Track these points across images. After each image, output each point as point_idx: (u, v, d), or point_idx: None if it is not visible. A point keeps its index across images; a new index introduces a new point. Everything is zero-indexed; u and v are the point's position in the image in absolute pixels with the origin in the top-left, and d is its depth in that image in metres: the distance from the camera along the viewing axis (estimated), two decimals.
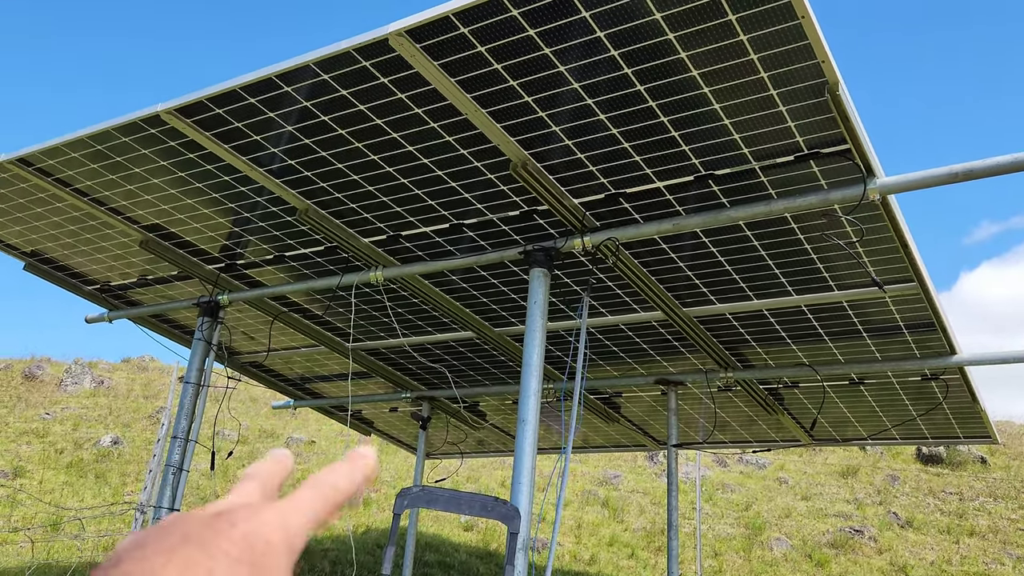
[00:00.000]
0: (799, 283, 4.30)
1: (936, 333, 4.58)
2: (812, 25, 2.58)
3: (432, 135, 3.44)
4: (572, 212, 3.80)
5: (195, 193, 4.20)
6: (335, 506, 0.42)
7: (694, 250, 4.12)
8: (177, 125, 3.55)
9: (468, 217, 4.08)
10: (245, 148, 3.71)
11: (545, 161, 3.52)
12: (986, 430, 5.96)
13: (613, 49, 2.83)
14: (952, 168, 2.96)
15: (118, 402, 15.48)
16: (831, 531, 10.99)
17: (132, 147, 3.84)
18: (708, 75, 2.89)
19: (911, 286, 4.06)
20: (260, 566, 0.35)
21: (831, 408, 6.10)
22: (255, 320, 5.89)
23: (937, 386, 5.35)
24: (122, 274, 5.41)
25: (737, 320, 4.85)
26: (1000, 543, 10.57)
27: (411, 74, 3.07)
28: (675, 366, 5.76)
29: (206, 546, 0.34)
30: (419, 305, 5.29)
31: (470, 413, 7.47)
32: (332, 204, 4.12)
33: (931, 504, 11.95)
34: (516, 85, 3.07)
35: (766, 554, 10.41)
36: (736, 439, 7.22)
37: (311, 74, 3.15)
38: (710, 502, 12.08)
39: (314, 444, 14.44)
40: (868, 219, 3.55)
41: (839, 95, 2.81)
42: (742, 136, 3.18)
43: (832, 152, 3.17)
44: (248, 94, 3.32)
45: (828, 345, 5.01)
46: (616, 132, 3.27)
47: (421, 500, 3.24)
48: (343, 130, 3.49)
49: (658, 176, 3.53)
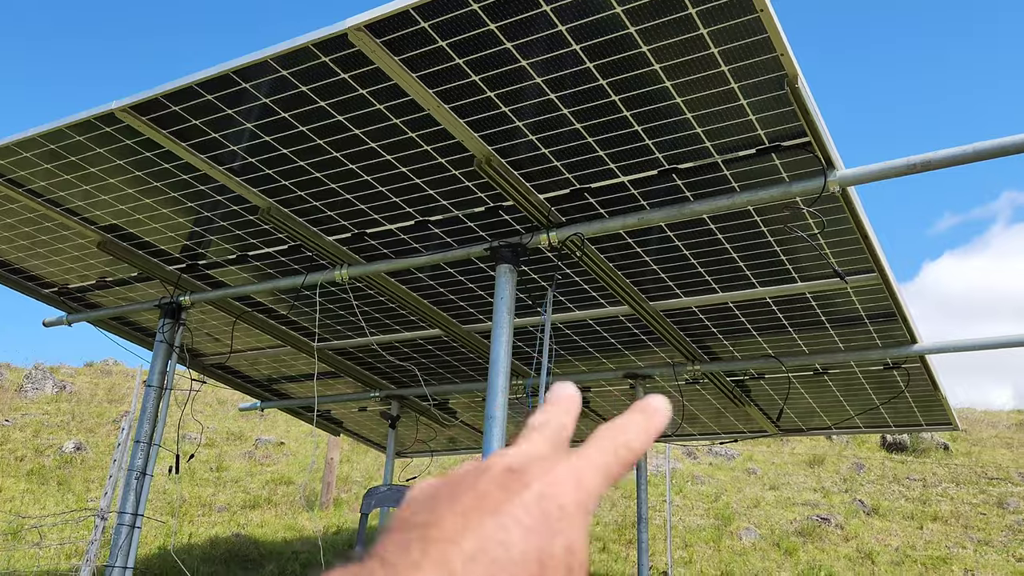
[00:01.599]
0: (763, 275, 4.34)
1: (897, 323, 4.64)
2: (771, 18, 2.59)
3: (395, 131, 3.41)
4: (537, 208, 3.79)
5: (154, 193, 4.13)
6: (629, 466, 0.39)
7: (659, 244, 4.14)
8: (133, 123, 3.48)
9: (434, 214, 4.06)
10: (204, 146, 3.65)
11: (510, 157, 3.50)
12: (947, 417, 6.07)
13: (575, 43, 2.82)
14: (910, 159, 3.00)
15: (81, 407, 15.19)
16: (799, 520, 11.14)
17: (87, 146, 3.76)
18: (670, 69, 2.90)
19: (872, 276, 4.12)
20: (554, 534, 0.33)
21: (797, 399, 6.17)
22: (219, 321, 5.81)
23: (899, 375, 5.44)
24: (80, 276, 5.30)
25: (703, 313, 4.88)
26: (962, 527, 10.79)
27: (372, 70, 3.03)
28: (643, 360, 5.78)
29: (500, 512, 0.33)
30: (386, 303, 5.25)
31: (440, 411, 7.44)
32: (295, 202, 4.07)
33: (896, 491, 12.16)
34: (479, 80, 3.05)
35: (735, 544, 10.52)
36: (705, 431, 7.28)
37: (270, 70, 3.10)
38: (680, 494, 12.18)
39: (283, 445, 14.30)
40: (829, 211, 3.59)
41: (798, 88, 2.83)
42: (704, 130, 3.20)
43: (793, 145, 3.20)
44: (205, 91, 3.26)
45: (793, 336, 5.06)
46: (580, 127, 3.27)
47: (389, 499, 3.21)
48: (304, 127, 3.44)
49: (622, 171, 3.54)
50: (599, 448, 0.38)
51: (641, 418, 0.40)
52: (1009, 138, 2.85)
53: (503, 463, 0.36)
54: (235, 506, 11.31)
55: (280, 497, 11.82)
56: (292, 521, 10.80)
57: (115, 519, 4.76)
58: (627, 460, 0.39)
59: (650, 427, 0.40)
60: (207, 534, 9.90)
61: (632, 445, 0.39)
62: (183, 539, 9.52)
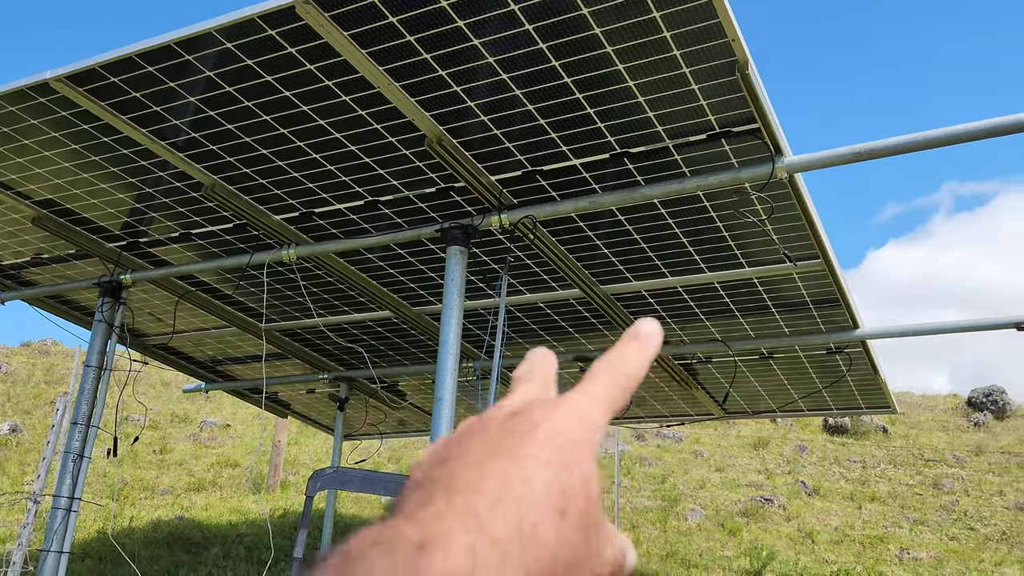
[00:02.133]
0: (712, 260, 4.39)
1: (840, 308, 4.74)
2: (723, 3, 2.60)
3: (344, 109, 3.34)
4: (489, 189, 3.76)
5: (92, 167, 3.99)
6: (629, 393, 0.40)
7: (610, 228, 4.14)
8: (69, 94, 3.35)
9: (384, 194, 4.00)
10: (145, 119, 3.53)
11: (461, 137, 3.47)
12: (887, 401, 6.24)
13: (529, 24, 2.79)
14: (855, 147, 3.04)
15: (17, 388, 14.74)
16: (743, 500, 11.38)
17: (20, 117, 3.61)
18: (623, 52, 2.88)
19: (817, 263, 4.19)
20: (569, 466, 0.33)
21: (743, 382, 6.27)
22: (162, 301, 5.66)
23: (841, 359, 5.56)
24: (15, 253, 5.11)
25: (653, 297, 4.92)
26: (899, 507, 11.14)
27: (320, 44, 2.96)
28: (593, 343, 5.81)
29: (514, 454, 0.33)
30: (335, 284, 5.18)
31: (389, 393, 7.39)
32: (240, 180, 3.97)
33: (836, 472, 12.49)
34: (430, 59, 3.00)
35: (681, 524, 10.71)
36: (653, 413, 7.36)
37: (214, 42, 3.01)
38: (628, 476, 12.34)
39: (229, 428, 14.08)
40: (777, 197, 3.63)
41: (748, 74, 2.85)
42: (656, 114, 3.20)
43: (742, 131, 3.22)
44: (146, 62, 3.15)
45: (739, 321, 5.13)
46: (532, 108, 3.24)
47: (335, 482, 3.18)
48: (250, 102, 3.35)
49: (575, 153, 3.53)
50: (598, 382, 0.39)
51: (636, 346, 0.42)
52: (950, 128, 2.91)
53: (506, 410, 0.36)
54: (179, 489, 11.11)
55: (226, 480, 11.65)
56: (238, 504, 10.66)
57: (50, 502, 4.63)
58: (627, 388, 0.40)
59: (645, 353, 0.41)
60: (149, 517, 9.72)
61: (630, 373, 0.40)
62: (123, 523, 9.32)
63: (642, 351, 0.42)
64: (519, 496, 0.31)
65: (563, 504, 0.32)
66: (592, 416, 0.37)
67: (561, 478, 0.33)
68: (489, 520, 0.30)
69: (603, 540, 0.35)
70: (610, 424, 6.44)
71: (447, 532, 0.29)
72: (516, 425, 0.35)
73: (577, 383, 0.39)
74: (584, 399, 0.37)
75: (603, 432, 0.37)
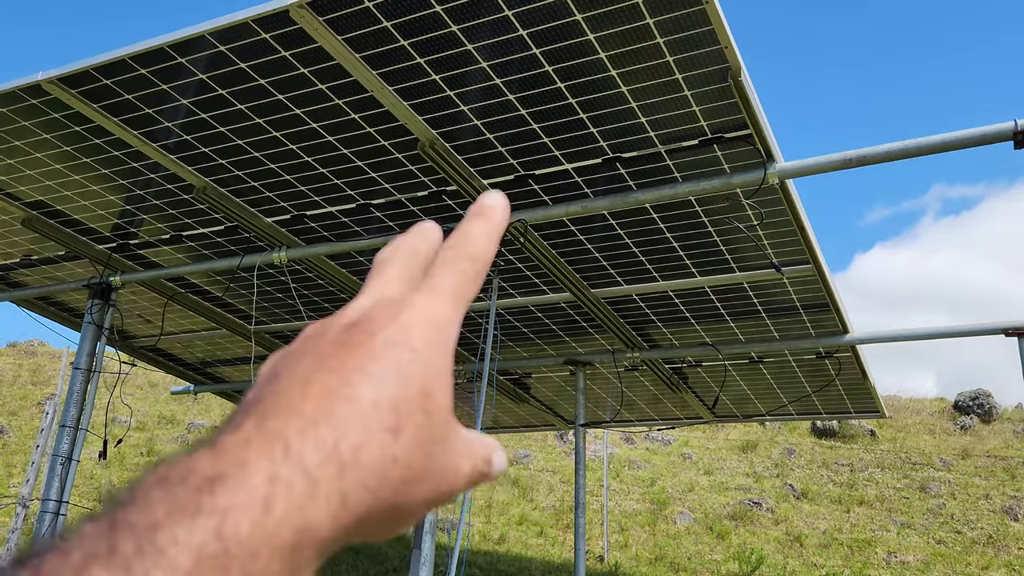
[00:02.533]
0: (703, 265, 4.40)
1: (831, 313, 4.77)
2: (716, 10, 2.61)
3: (337, 112, 3.34)
4: (481, 193, 3.77)
5: (83, 168, 3.97)
6: (481, 276, 0.36)
7: (602, 232, 4.16)
8: (61, 96, 3.34)
9: (376, 197, 4.00)
10: (137, 122, 3.52)
11: (454, 141, 3.47)
12: (875, 405, 6.28)
13: (522, 29, 2.80)
14: (846, 154, 3.06)
15: (3, 389, 14.63)
16: (731, 504, 11.41)
17: (11, 118, 3.59)
18: (615, 58, 2.90)
19: (807, 268, 4.21)
20: (407, 379, 0.31)
21: (732, 386, 6.30)
22: (151, 303, 5.64)
23: (831, 364, 5.59)
24: (4, 254, 5.08)
25: (644, 301, 4.93)
26: (886, 511, 11.20)
27: (314, 48, 2.96)
28: (583, 346, 5.82)
29: (343, 369, 0.30)
30: (325, 287, 5.17)
31: None
32: (232, 182, 3.96)
33: (824, 476, 12.55)
34: (423, 63, 3.00)
35: (670, 528, 10.73)
36: (642, 417, 7.38)
37: (208, 45, 3.00)
38: (617, 479, 12.36)
39: None
40: (768, 203, 3.66)
41: (741, 81, 2.86)
42: (648, 120, 3.21)
43: (734, 137, 3.24)
44: (139, 64, 3.14)
45: (730, 325, 5.16)
46: (525, 113, 3.25)
47: None
48: (243, 105, 3.35)
49: (567, 158, 3.54)
50: (443, 273, 0.35)
51: (480, 223, 0.37)
52: (940, 136, 2.94)
53: (343, 319, 0.33)
54: None
55: None
56: None
57: (38, 506, 4.60)
58: (477, 273, 0.36)
59: (492, 230, 0.37)
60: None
61: (477, 255, 0.36)
62: None
63: (486, 227, 0.37)
64: (340, 416, 0.29)
65: (395, 422, 0.30)
66: (440, 316, 0.33)
67: (394, 393, 0.30)
68: (299, 446, 0.28)
69: (454, 455, 0.33)
70: (598, 427, 6.36)
71: (245, 462, 0.27)
72: (351, 336, 0.32)
73: (428, 271, 0.36)
74: (430, 298, 0.34)
75: (455, 328, 0.34)
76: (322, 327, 0.34)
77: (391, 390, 0.30)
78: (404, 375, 0.31)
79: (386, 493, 0.29)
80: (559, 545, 10.23)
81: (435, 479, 0.32)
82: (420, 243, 0.38)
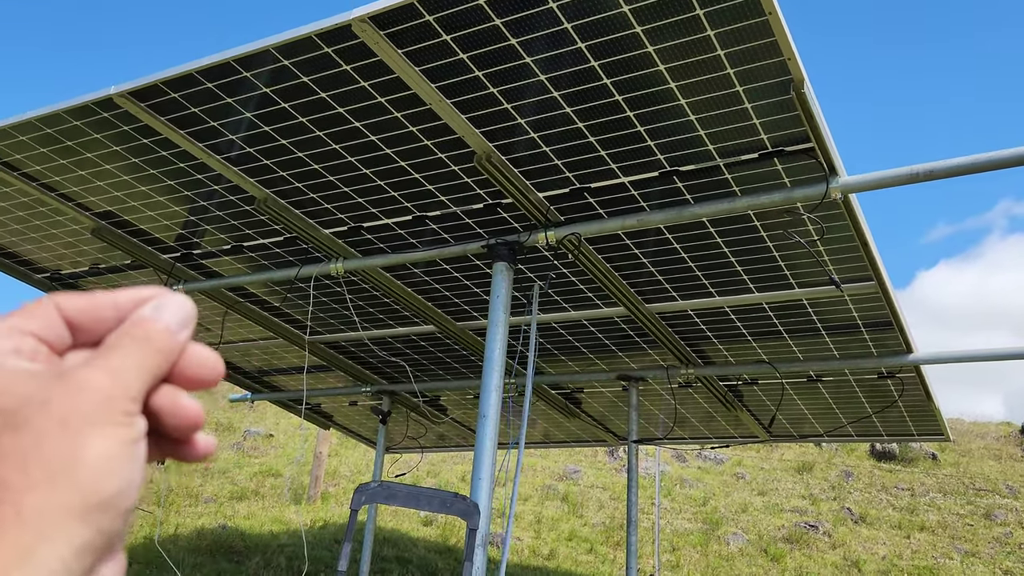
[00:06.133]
0: (761, 280, 4.33)
1: (893, 332, 4.64)
2: (779, 22, 2.57)
3: (395, 125, 3.38)
4: (536, 206, 3.77)
5: (150, 180, 4.09)
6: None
7: (657, 246, 4.12)
8: (131, 109, 3.44)
9: (431, 209, 4.03)
10: (202, 134, 3.61)
11: (510, 154, 3.48)
12: (939, 427, 6.08)
13: (580, 41, 2.80)
14: (913, 168, 2.98)
15: None
16: (786, 526, 11.15)
17: (84, 131, 3.72)
18: (675, 70, 2.87)
19: (870, 285, 4.11)
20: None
21: (789, 405, 6.16)
22: (211, 311, 5.77)
23: (893, 384, 5.43)
24: (73, 263, 5.26)
25: (699, 317, 4.87)
26: (949, 538, 10.81)
27: (374, 62, 3.01)
28: (636, 362, 5.76)
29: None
30: (380, 298, 5.22)
31: (430, 407, 7.41)
32: (292, 194, 4.04)
33: (883, 500, 12.18)
34: (481, 75, 3.02)
35: (723, 548, 10.52)
36: (695, 435, 7.27)
37: (271, 59, 3.07)
38: (668, 497, 12.18)
39: (272, 438, 14.25)
40: (829, 218, 3.58)
41: (804, 93, 2.81)
42: (707, 132, 3.18)
43: (796, 150, 3.18)
44: (205, 78, 3.23)
45: (787, 343, 5.05)
46: (582, 125, 3.25)
47: (379, 496, 3.19)
48: (304, 118, 3.41)
49: (623, 171, 3.52)
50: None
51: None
52: (1015, 149, 2.84)
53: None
54: (222, 497, 11.26)
55: (268, 489, 11.77)
56: (279, 514, 10.75)
57: None
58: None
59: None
60: (193, 525, 9.85)
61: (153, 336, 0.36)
62: (169, 530, 9.47)
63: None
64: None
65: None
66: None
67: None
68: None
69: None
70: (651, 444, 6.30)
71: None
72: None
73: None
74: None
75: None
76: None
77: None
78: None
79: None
80: (609, 563, 10.12)
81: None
82: (97, 307, 0.37)
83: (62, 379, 0.32)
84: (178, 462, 0.37)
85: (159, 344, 0.35)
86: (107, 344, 0.35)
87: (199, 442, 0.37)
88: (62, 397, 0.31)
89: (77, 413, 0.31)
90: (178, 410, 0.35)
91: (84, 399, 0.32)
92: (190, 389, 0.36)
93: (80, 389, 0.32)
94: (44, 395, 0.31)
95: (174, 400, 0.35)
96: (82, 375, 0.32)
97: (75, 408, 0.31)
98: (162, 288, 0.38)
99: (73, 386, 0.32)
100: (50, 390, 0.31)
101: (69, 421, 0.31)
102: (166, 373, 0.36)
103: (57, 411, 0.31)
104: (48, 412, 0.31)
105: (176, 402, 0.35)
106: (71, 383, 0.32)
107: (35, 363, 0.33)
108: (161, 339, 0.36)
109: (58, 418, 0.31)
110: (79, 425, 0.31)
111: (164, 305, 0.37)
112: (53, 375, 0.32)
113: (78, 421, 0.31)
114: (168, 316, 0.37)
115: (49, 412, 0.31)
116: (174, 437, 0.36)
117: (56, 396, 0.31)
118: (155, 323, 0.36)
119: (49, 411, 0.31)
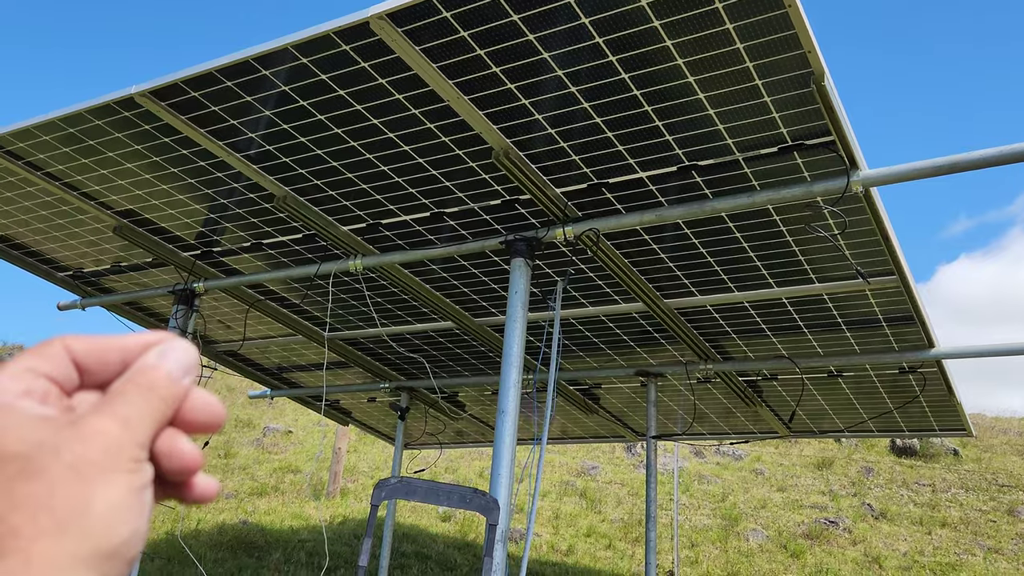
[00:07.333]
0: (780, 275, 4.30)
1: (915, 326, 4.60)
2: (799, 14, 2.55)
3: (413, 122, 3.39)
4: (554, 202, 3.76)
5: (170, 178, 4.12)
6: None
7: (676, 241, 4.10)
8: (152, 108, 3.47)
9: (449, 206, 4.04)
10: (222, 133, 3.64)
11: (527, 150, 3.48)
12: (961, 423, 6.02)
13: (598, 36, 2.79)
14: (936, 161, 2.95)
15: None
16: (806, 522, 11.08)
17: (105, 130, 3.75)
18: (693, 64, 2.86)
19: (891, 279, 4.07)
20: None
21: (809, 400, 6.13)
22: (231, 309, 5.81)
23: (914, 379, 5.39)
24: (95, 261, 5.31)
25: (718, 312, 4.84)
26: (971, 534, 10.71)
27: (392, 59, 3.01)
28: (655, 358, 5.75)
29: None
30: (398, 294, 5.24)
31: (449, 403, 7.43)
32: (311, 191, 4.05)
33: (904, 496, 12.08)
34: (499, 72, 3.02)
35: (742, 544, 10.48)
36: (714, 431, 7.24)
37: (290, 57, 3.08)
38: (687, 493, 12.15)
39: (291, 434, 14.34)
40: (850, 212, 3.55)
41: (824, 86, 2.79)
42: (726, 127, 3.16)
43: (816, 144, 3.16)
44: (225, 77, 3.25)
45: (807, 338, 5.02)
46: (599, 121, 3.24)
47: (400, 491, 3.20)
48: (322, 116, 3.42)
49: (641, 166, 3.50)
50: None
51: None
52: None
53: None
54: (243, 493, 11.35)
55: (287, 485, 11.86)
56: (299, 510, 10.83)
57: None
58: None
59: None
60: (214, 520, 9.94)
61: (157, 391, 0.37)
62: (191, 525, 9.56)
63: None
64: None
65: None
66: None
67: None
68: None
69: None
70: (669, 440, 6.29)
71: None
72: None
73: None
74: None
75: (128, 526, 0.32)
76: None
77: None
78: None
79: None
80: (628, 559, 10.11)
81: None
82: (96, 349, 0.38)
83: (73, 426, 0.33)
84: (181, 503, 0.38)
85: (163, 392, 0.37)
86: (114, 390, 0.36)
87: (198, 484, 0.38)
88: (73, 444, 0.32)
89: (87, 460, 0.32)
90: (176, 454, 0.36)
91: (94, 446, 0.33)
92: (193, 433, 0.38)
93: (90, 436, 0.33)
94: (56, 441, 0.32)
95: (172, 444, 0.37)
96: (92, 422, 0.34)
97: (85, 455, 0.32)
98: (167, 333, 0.40)
99: (83, 433, 0.33)
100: (62, 436, 0.32)
101: (80, 468, 0.32)
102: (170, 418, 0.37)
103: (68, 458, 0.32)
104: (60, 460, 0.32)
105: (174, 446, 0.37)
106: (82, 430, 0.33)
107: (46, 406, 0.34)
108: (165, 386, 0.37)
109: (69, 465, 0.32)
110: (89, 472, 0.32)
111: (167, 351, 0.38)
112: (64, 422, 0.33)
113: (88, 468, 0.32)
114: (171, 363, 0.38)
115: (61, 459, 0.32)
116: (173, 480, 0.37)
117: (67, 443, 0.32)
118: (159, 371, 0.37)
119: (61, 458, 0.32)
